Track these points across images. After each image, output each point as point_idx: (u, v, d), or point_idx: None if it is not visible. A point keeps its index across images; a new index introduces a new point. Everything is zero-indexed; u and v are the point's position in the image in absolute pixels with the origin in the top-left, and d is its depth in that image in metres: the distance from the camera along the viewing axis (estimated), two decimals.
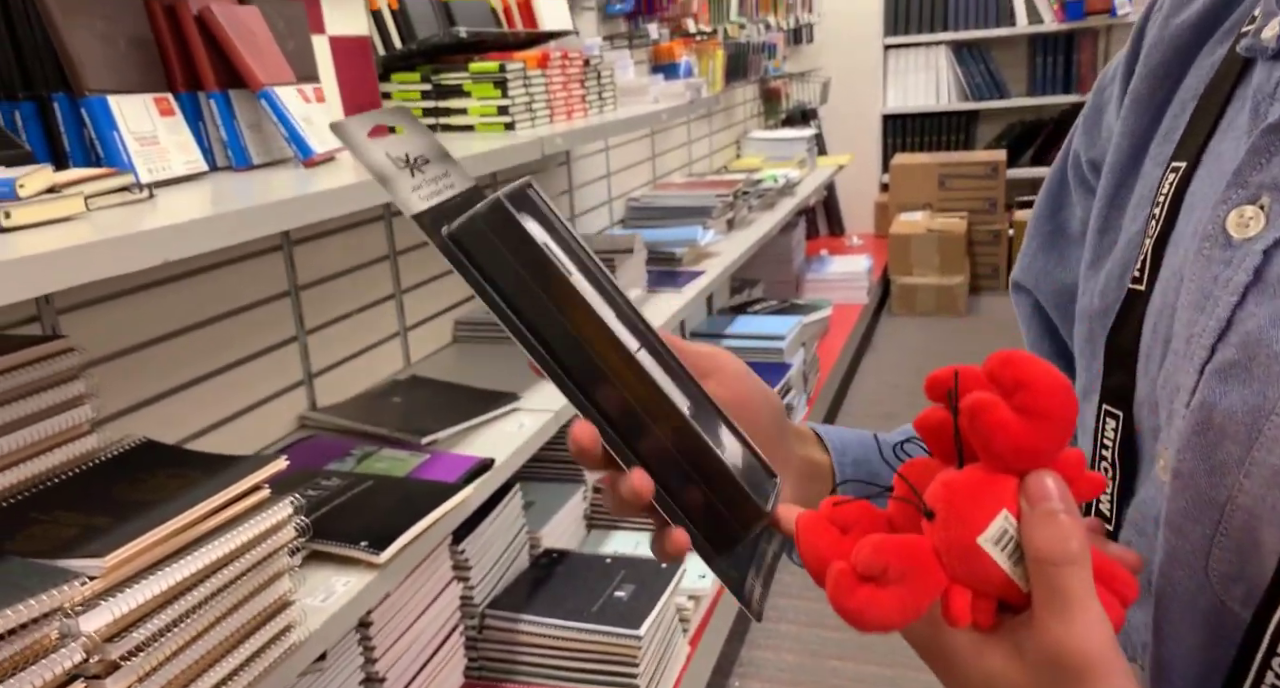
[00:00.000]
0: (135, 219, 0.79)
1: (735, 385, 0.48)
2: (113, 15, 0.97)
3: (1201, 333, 0.37)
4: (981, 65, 4.77)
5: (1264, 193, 0.35)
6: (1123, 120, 0.46)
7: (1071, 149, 0.52)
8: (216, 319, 1.28)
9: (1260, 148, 0.36)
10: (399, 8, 1.58)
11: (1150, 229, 0.41)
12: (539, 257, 0.40)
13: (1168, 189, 0.40)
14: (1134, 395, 0.41)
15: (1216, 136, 0.39)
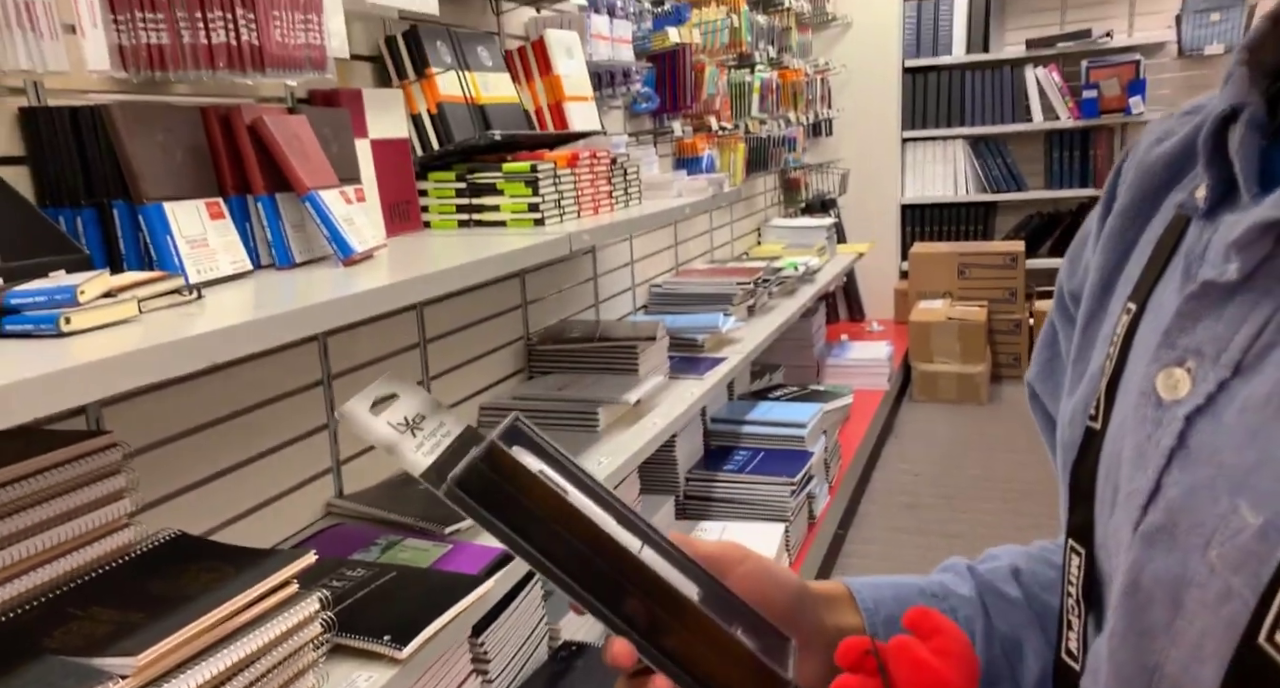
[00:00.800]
0: (183, 323, 0.83)
1: (750, 582, 0.49)
2: (173, 127, 1.04)
3: (1134, 492, 0.36)
4: (999, 158, 4.87)
5: (1189, 357, 0.35)
6: (1097, 255, 0.47)
7: (1059, 282, 0.54)
8: (251, 409, 1.32)
9: (1186, 312, 0.36)
10: (438, 113, 1.66)
11: (1105, 368, 0.41)
12: (534, 484, 0.44)
13: (1121, 330, 0.41)
14: (1094, 534, 0.41)
15: (1161, 284, 0.40)
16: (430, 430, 0.47)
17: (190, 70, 1.04)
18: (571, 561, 0.43)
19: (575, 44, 2.11)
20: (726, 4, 3.23)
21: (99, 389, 0.66)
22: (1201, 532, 0.33)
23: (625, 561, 0.43)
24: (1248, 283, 0.33)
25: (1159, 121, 0.47)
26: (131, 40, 1.01)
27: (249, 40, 1.03)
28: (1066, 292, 0.52)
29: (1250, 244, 0.32)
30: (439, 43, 1.68)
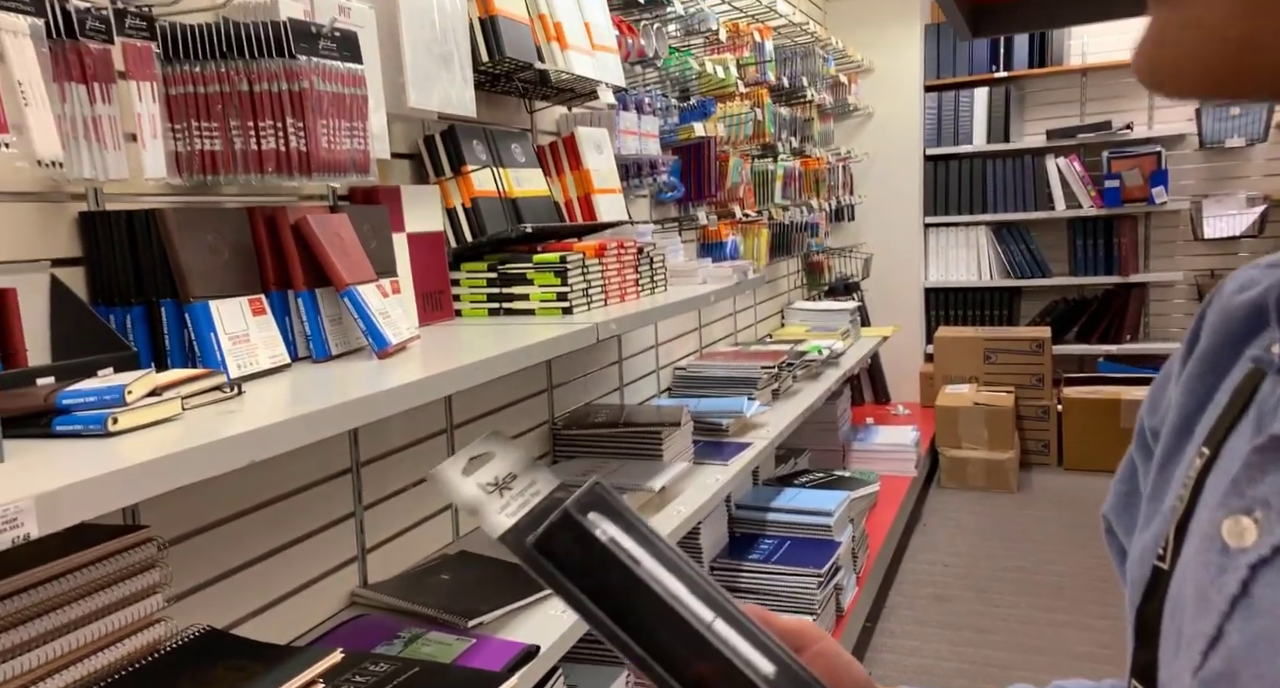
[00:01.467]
0: (223, 422, 0.85)
1: (824, 662, 0.49)
2: (221, 228, 1.08)
3: (1196, 636, 0.36)
4: (1022, 244, 4.90)
5: (1257, 506, 0.36)
6: (1177, 395, 0.47)
7: (1139, 417, 0.53)
8: (280, 498, 1.33)
9: (1254, 463, 0.37)
10: (472, 207, 1.72)
11: (1176, 509, 0.42)
12: (605, 553, 0.44)
13: (1194, 473, 0.41)
14: (1158, 676, 0.41)
15: (1235, 433, 0.41)
16: (519, 490, 0.47)
17: (240, 174, 1.09)
18: (640, 631, 0.43)
19: (604, 139, 2.18)
20: (750, 98, 3.33)
21: (143, 491, 0.68)
22: (1262, 683, 0.33)
23: (693, 633, 0.43)
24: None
25: (1245, 269, 0.49)
26: (187, 147, 1.07)
27: (297, 147, 1.08)
28: (1147, 428, 0.52)
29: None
30: (475, 141, 1.75)
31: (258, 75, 1.06)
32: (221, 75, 1.06)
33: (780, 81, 3.61)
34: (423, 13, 1.42)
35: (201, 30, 1.04)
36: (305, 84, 1.07)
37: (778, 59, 3.59)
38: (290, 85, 1.06)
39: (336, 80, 1.13)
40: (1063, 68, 4.73)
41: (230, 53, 1.05)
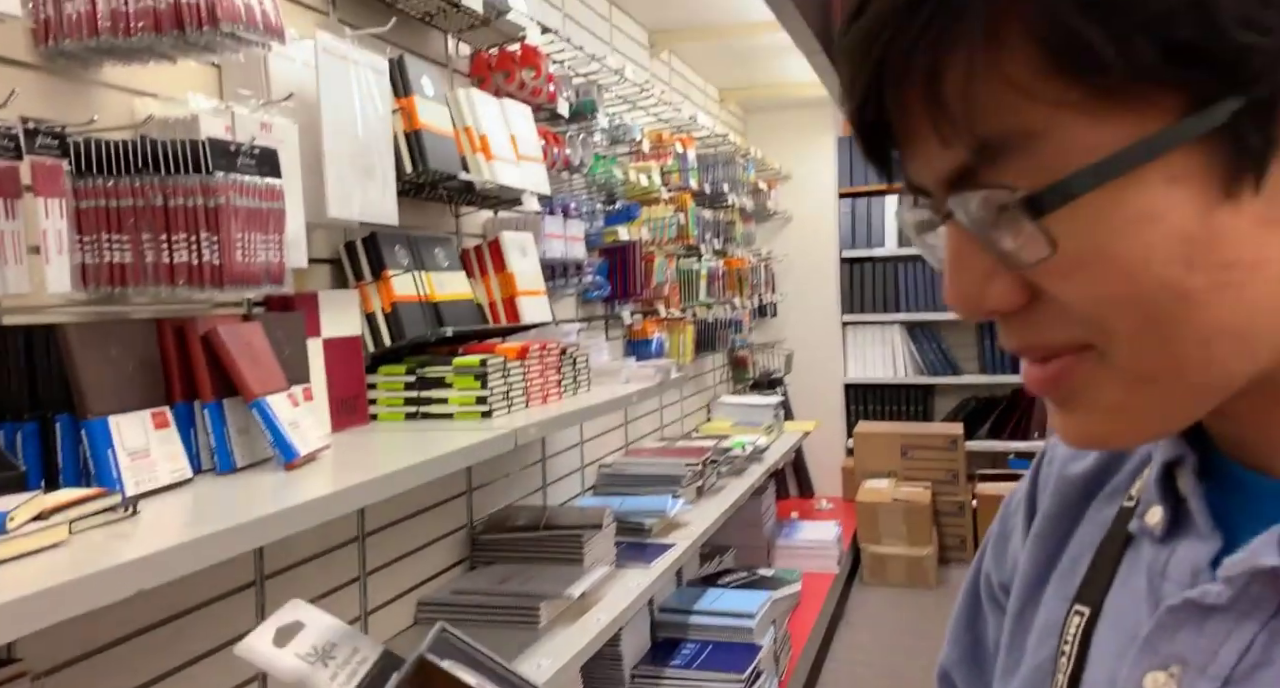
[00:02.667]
0: (114, 547, 0.82)
1: None
2: (126, 341, 1.07)
3: None
4: (934, 343, 5.10)
5: (1173, 663, 0.38)
6: (1027, 551, 0.50)
7: (982, 569, 0.56)
8: (175, 617, 1.28)
9: (1166, 623, 0.39)
10: (392, 311, 1.72)
11: (1061, 667, 0.44)
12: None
13: (1075, 631, 0.44)
14: None
15: (1114, 591, 0.43)
16: (344, 658, 0.46)
17: (150, 286, 1.08)
18: None
19: (529, 243, 2.22)
20: (674, 203, 3.44)
21: (18, 629, 0.65)
22: None
23: None
24: (1230, 607, 0.37)
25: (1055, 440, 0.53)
26: (95, 259, 1.06)
27: (210, 260, 1.09)
28: (995, 582, 0.55)
29: (1237, 580, 0.37)
30: (397, 246, 1.77)
31: (173, 190, 1.07)
32: (136, 190, 1.06)
33: (702, 187, 3.75)
34: (346, 127, 1.46)
35: (118, 147, 1.05)
36: (222, 200, 1.08)
37: (700, 166, 3.73)
38: (207, 201, 1.07)
39: (254, 195, 1.14)
40: None
41: (146, 168, 1.06)
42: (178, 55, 1.12)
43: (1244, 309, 0.34)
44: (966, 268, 0.38)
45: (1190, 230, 0.33)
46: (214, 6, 1.03)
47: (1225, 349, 0.35)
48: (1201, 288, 0.34)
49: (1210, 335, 0.35)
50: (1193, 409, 0.38)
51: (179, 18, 1.03)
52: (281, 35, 1.13)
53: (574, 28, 2.85)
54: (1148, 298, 0.34)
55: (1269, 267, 0.34)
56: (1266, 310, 0.34)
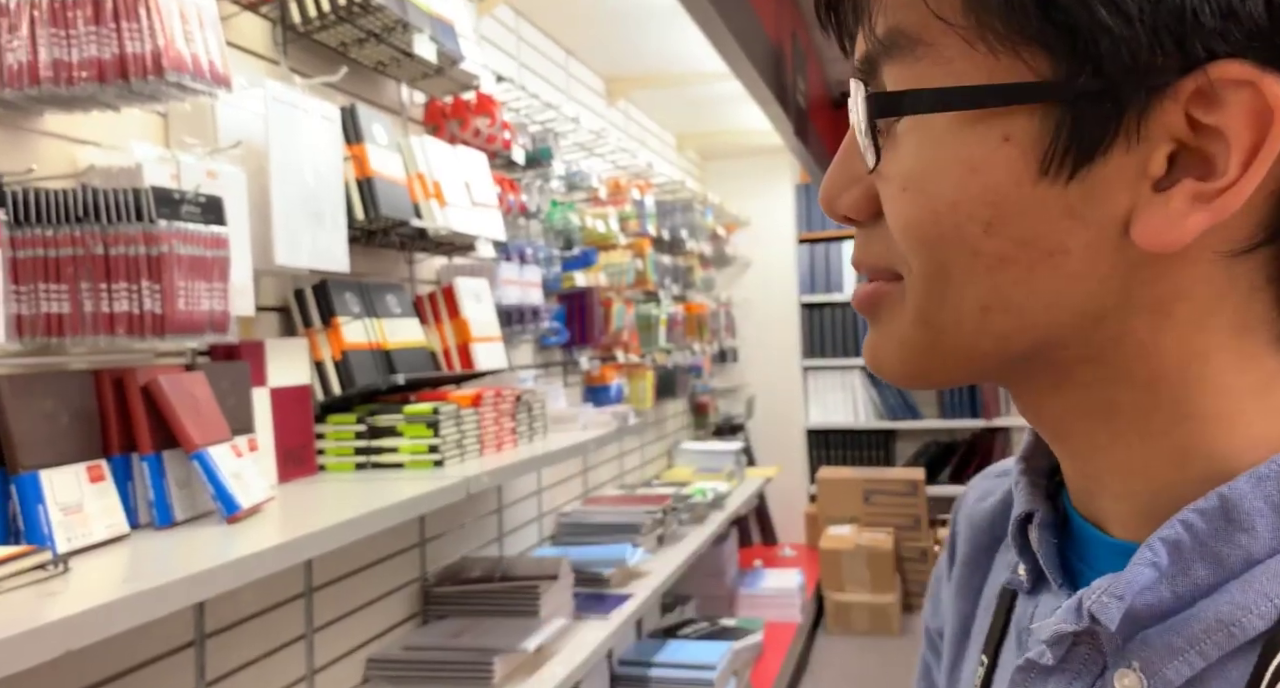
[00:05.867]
0: (41, 607, 0.79)
1: None
2: (62, 392, 1.04)
3: None
4: (893, 388, 5.15)
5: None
6: (952, 601, 0.50)
7: (924, 620, 0.56)
8: (109, 680, 1.23)
9: (1017, 681, 0.39)
10: (342, 359, 1.70)
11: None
12: None
13: (978, 681, 0.44)
14: None
15: (1004, 645, 0.43)
16: None
17: (88, 336, 1.06)
18: None
19: (484, 290, 2.22)
20: (632, 248, 3.47)
21: None
22: None
23: None
24: (1060, 669, 0.37)
25: (981, 478, 0.53)
26: (31, 309, 1.04)
27: (151, 309, 1.07)
28: (932, 630, 0.55)
29: (1060, 642, 0.37)
30: (347, 293, 1.75)
31: (114, 239, 1.05)
32: (75, 239, 1.04)
33: (660, 233, 3.78)
34: (294, 174, 1.45)
35: (57, 196, 1.04)
36: (165, 248, 1.07)
37: (658, 213, 3.77)
38: (149, 249, 1.06)
39: (198, 243, 1.13)
40: None
41: (87, 217, 1.05)
42: (122, 104, 1.12)
43: (1027, 291, 0.34)
44: (840, 167, 0.38)
45: (1002, 194, 0.33)
46: (159, 56, 1.03)
47: (1000, 323, 0.35)
48: (993, 254, 0.34)
49: (990, 304, 0.34)
50: (967, 368, 0.37)
51: (123, 68, 1.02)
52: (228, 84, 1.13)
53: (529, 76, 2.89)
54: (944, 244, 0.34)
55: (1066, 258, 0.33)
56: (1048, 298, 0.34)
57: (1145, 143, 0.31)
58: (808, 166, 4.02)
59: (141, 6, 1.02)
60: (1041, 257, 0.33)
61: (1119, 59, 0.30)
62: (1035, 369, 0.37)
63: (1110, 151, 0.32)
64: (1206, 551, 0.33)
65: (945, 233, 0.34)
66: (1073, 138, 0.32)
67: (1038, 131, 0.32)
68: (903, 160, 0.35)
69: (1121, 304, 0.34)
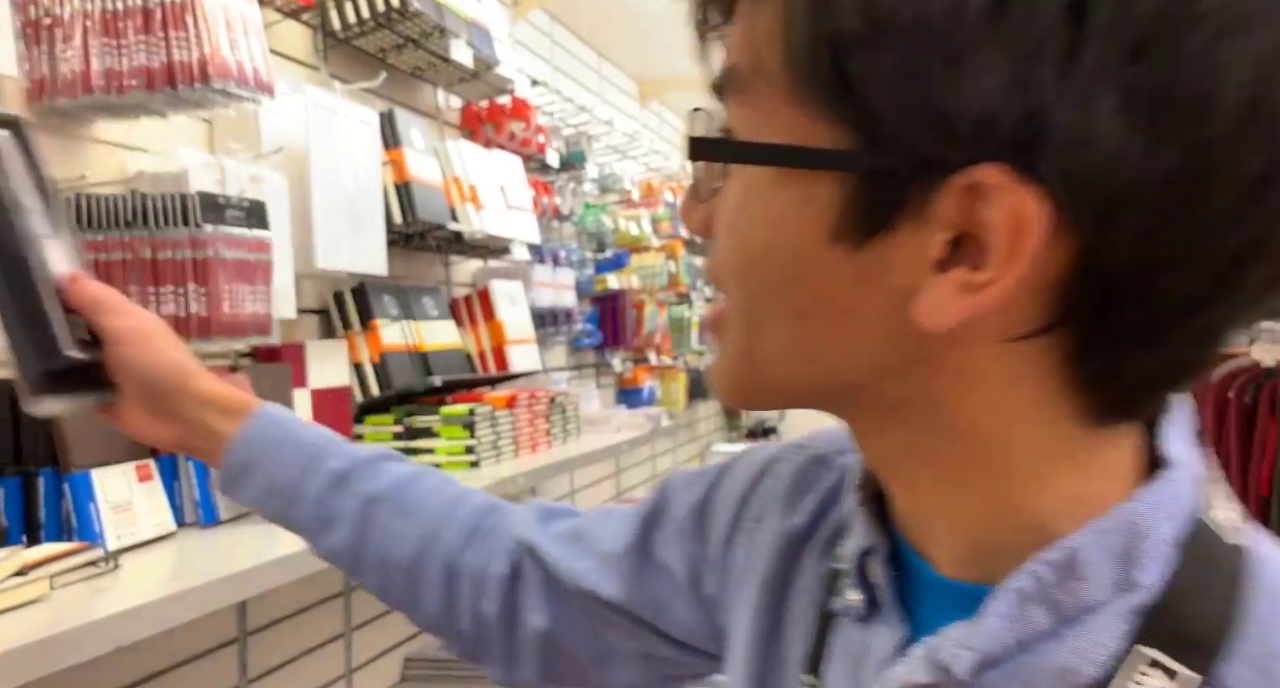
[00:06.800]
0: (94, 602, 0.81)
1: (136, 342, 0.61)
2: None
3: None
4: None
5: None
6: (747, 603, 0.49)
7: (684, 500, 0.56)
8: (156, 675, 1.25)
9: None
10: (380, 361, 1.72)
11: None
12: None
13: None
14: None
15: (831, 664, 0.43)
16: None
17: None
18: None
19: (519, 292, 2.24)
20: (665, 251, 3.47)
21: None
22: None
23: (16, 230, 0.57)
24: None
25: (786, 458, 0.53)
26: None
27: (197, 311, 1.09)
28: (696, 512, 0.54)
29: None
30: (385, 296, 1.78)
31: (162, 243, 1.08)
32: (125, 243, 1.07)
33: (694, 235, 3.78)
34: (334, 180, 1.48)
35: (107, 202, 1.06)
36: (210, 252, 1.09)
37: None
38: (195, 253, 1.08)
39: (242, 247, 1.15)
40: None
41: (136, 222, 1.07)
42: (170, 111, 1.14)
43: (825, 343, 0.36)
44: (694, 187, 0.40)
45: (804, 252, 0.34)
46: (205, 64, 1.05)
47: (803, 368, 0.37)
48: (795, 306, 0.35)
49: (792, 351, 0.36)
50: (784, 400, 0.40)
51: (171, 75, 1.05)
52: (271, 91, 1.15)
53: (563, 80, 2.90)
54: (756, 287, 0.36)
55: (858, 319, 0.34)
56: (845, 351, 0.35)
57: (928, 225, 0.32)
58: None
59: (189, 15, 1.04)
60: (838, 315, 0.35)
61: (900, 145, 0.31)
62: (854, 409, 0.39)
63: (898, 228, 0.32)
64: (1047, 598, 0.34)
65: (756, 276, 0.36)
66: (864, 210, 0.33)
67: (835, 198, 0.33)
68: (729, 199, 0.37)
69: (921, 364, 0.35)
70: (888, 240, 0.33)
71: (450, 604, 0.59)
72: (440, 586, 0.59)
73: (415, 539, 0.60)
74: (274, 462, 0.61)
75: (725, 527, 0.53)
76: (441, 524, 0.60)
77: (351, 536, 0.60)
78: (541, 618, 0.57)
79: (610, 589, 0.55)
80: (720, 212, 0.37)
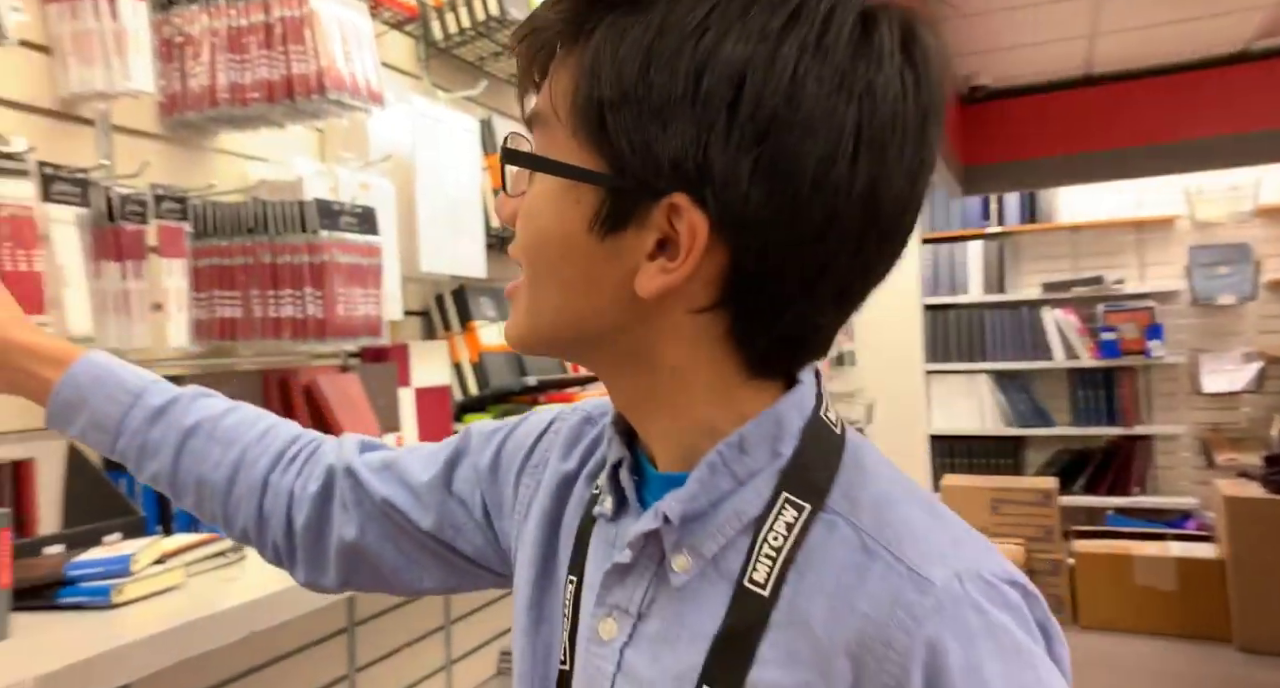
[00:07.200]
0: (224, 591, 0.85)
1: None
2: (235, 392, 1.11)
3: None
4: (1024, 394, 4.94)
5: (614, 611, 0.54)
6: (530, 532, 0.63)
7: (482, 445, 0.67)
8: (273, 661, 1.31)
9: (607, 583, 0.54)
10: (479, 361, 1.76)
11: (564, 625, 0.58)
12: None
13: (569, 596, 0.58)
14: None
15: (589, 562, 0.57)
16: None
17: (257, 339, 1.14)
18: None
19: None
20: None
21: (141, 669, 0.68)
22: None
23: None
24: (635, 564, 0.53)
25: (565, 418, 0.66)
26: (208, 314, 1.12)
27: (314, 314, 1.14)
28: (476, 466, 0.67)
29: (636, 544, 0.53)
30: (483, 298, 1.82)
31: (281, 249, 1.13)
32: (247, 249, 1.12)
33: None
34: (437, 185, 1.52)
35: (230, 209, 1.11)
36: (326, 257, 1.13)
37: None
38: (312, 258, 1.13)
39: (355, 252, 1.19)
40: (1053, 225, 4.91)
41: (257, 228, 1.12)
42: (287, 122, 1.19)
43: (580, 303, 0.52)
44: (509, 187, 0.55)
45: (572, 237, 0.51)
46: (322, 76, 1.09)
47: (565, 321, 0.53)
48: (563, 275, 0.52)
49: (559, 306, 0.53)
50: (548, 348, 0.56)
51: (290, 88, 1.09)
52: (382, 101, 1.19)
53: None
54: (541, 260, 0.52)
55: (601, 288, 0.51)
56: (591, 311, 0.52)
57: (646, 228, 0.49)
58: None
59: (307, 28, 1.09)
60: (589, 284, 0.51)
61: (632, 174, 0.49)
62: (599, 358, 0.55)
63: (628, 227, 0.50)
64: (727, 469, 0.52)
65: (543, 254, 0.52)
66: (610, 213, 0.50)
67: (594, 202, 0.50)
68: (529, 198, 0.53)
69: (640, 323, 0.52)
70: (623, 235, 0.50)
71: (260, 517, 0.69)
72: (253, 501, 0.68)
73: (229, 464, 0.68)
74: (99, 399, 0.68)
75: (514, 471, 0.66)
76: (253, 450, 0.69)
77: (170, 463, 0.68)
78: (352, 530, 0.68)
79: (416, 513, 0.67)
80: (523, 208, 0.53)
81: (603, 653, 0.53)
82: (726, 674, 0.49)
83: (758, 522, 0.51)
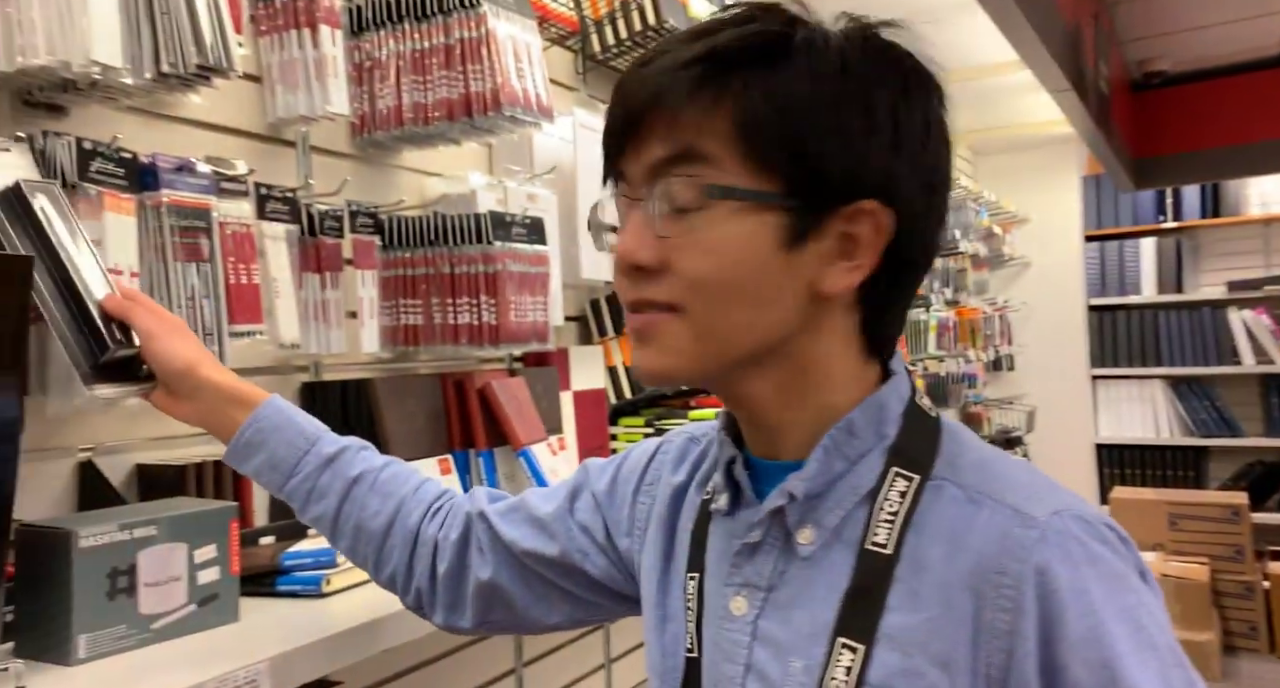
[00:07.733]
0: None
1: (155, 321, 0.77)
2: (419, 394, 1.18)
3: (732, 676, 0.61)
4: (1206, 401, 4.57)
5: (743, 588, 0.62)
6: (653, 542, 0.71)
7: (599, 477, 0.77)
8: (454, 651, 1.37)
9: (736, 563, 0.62)
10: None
11: (689, 616, 0.65)
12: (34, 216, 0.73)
13: (693, 591, 0.65)
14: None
15: (708, 555, 0.65)
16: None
17: (436, 345, 1.20)
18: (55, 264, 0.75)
19: None
20: None
21: (354, 654, 0.74)
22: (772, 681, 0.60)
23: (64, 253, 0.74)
24: (763, 542, 0.61)
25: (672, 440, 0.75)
26: (394, 322, 1.19)
27: (488, 321, 1.19)
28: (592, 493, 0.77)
29: (763, 523, 0.61)
30: None
31: (459, 259, 1.18)
32: (429, 259, 1.19)
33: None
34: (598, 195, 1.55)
35: (412, 222, 1.18)
36: (499, 266, 1.18)
37: None
38: (487, 267, 1.18)
39: (525, 261, 1.24)
40: (1241, 218, 4.52)
41: (437, 240, 1.18)
42: (463, 138, 1.25)
43: (765, 317, 0.58)
44: (635, 232, 0.59)
45: (762, 255, 0.57)
46: (498, 93, 1.14)
47: (749, 336, 0.59)
48: (759, 294, 0.58)
49: (749, 323, 0.58)
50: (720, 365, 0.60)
51: (469, 106, 1.15)
52: (551, 115, 1.23)
53: None
54: (730, 286, 0.58)
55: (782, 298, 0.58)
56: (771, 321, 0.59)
57: (824, 236, 0.58)
58: (1102, 157, 3.68)
59: (484, 47, 1.14)
60: (777, 296, 0.58)
61: (815, 193, 0.57)
62: (758, 368, 0.60)
63: (809, 239, 0.58)
64: (840, 452, 0.60)
65: (728, 280, 0.58)
66: (793, 229, 0.57)
67: (778, 223, 0.57)
68: (701, 233, 0.58)
69: (810, 324, 0.60)
70: (804, 246, 0.58)
71: (410, 565, 0.76)
72: (404, 550, 0.76)
73: (387, 515, 0.76)
74: (278, 443, 0.76)
75: (630, 491, 0.74)
76: (407, 503, 0.77)
77: (335, 508, 0.76)
78: (487, 571, 0.75)
79: (544, 544, 0.75)
80: (683, 246, 0.58)
81: (735, 626, 0.61)
82: (860, 624, 0.56)
83: (872, 494, 0.59)
